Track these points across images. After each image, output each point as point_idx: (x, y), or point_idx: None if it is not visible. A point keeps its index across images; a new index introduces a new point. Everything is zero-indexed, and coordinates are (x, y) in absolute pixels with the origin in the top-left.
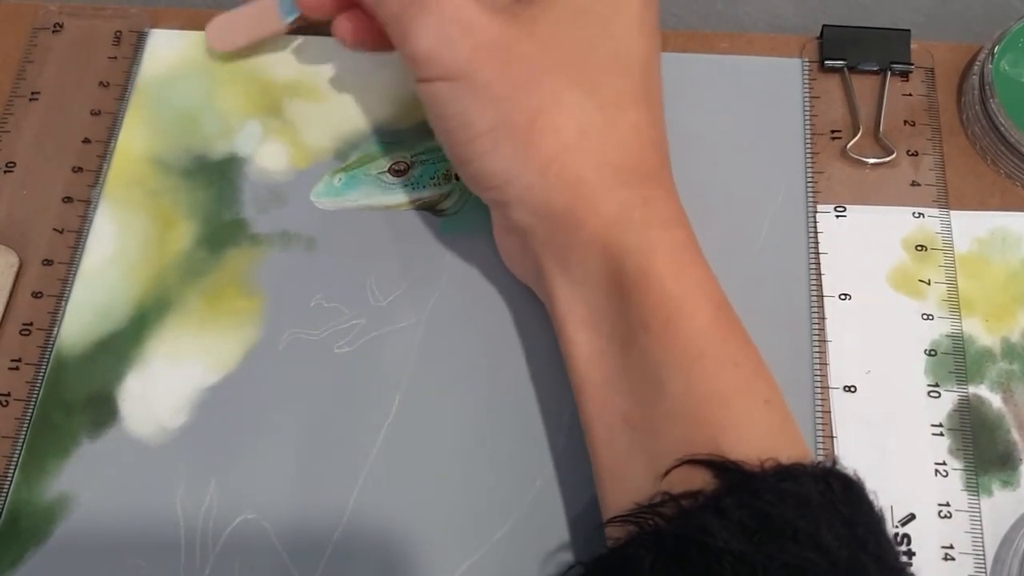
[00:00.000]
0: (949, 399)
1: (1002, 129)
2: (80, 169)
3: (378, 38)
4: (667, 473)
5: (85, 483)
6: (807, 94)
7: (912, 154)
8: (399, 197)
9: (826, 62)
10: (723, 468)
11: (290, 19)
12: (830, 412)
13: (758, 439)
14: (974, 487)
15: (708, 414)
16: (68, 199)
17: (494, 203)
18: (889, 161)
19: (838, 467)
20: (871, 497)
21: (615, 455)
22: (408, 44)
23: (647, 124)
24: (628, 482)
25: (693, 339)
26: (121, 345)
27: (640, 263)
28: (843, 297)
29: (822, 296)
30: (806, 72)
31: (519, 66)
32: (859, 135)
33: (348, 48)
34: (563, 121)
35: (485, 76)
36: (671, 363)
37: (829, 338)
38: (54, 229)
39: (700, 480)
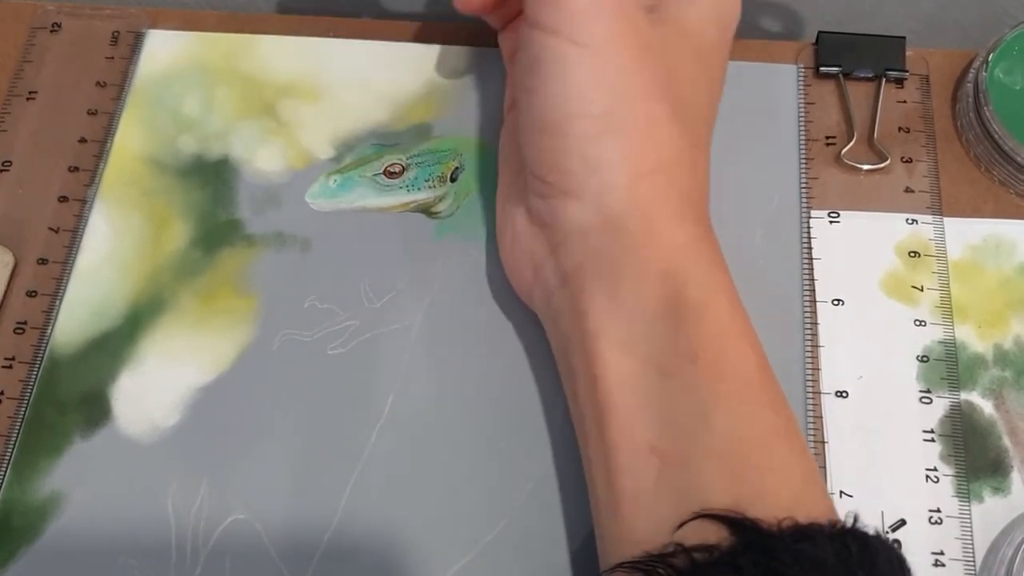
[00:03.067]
0: (941, 405)
1: (996, 137)
2: (76, 168)
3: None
4: (683, 525)
5: (77, 482)
6: (802, 100)
7: (906, 160)
8: (394, 199)
9: (821, 68)
10: (740, 524)
11: None
12: (822, 417)
13: (793, 487)
14: (965, 493)
15: (752, 456)
16: (64, 198)
17: (552, 190)
18: (883, 167)
19: (857, 526)
20: (892, 555)
21: (639, 485)
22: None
23: (707, 168)
24: (650, 514)
25: (743, 380)
26: (115, 344)
27: (702, 294)
28: (836, 302)
29: (815, 301)
30: (801, 78)
31: (651, 68)
32: (853, 141)
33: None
34: (670, 140)
35: (621, 60)
36: (718, 399)
37: (821, 343)
38: (49, 228)
39: (715, 534)
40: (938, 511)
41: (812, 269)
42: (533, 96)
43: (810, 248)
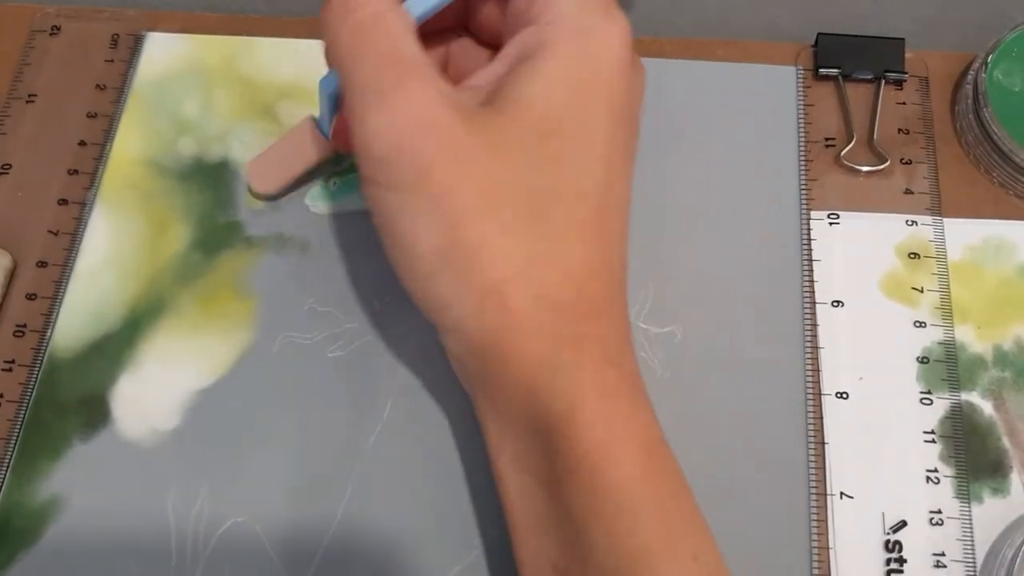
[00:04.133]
0: (941, 406)
1: (995, 138)
2: (75, 171)
3: None
4: None
5: (77, 485)
6: (801, 102)
7: (906, 162)
8: None
9: (820, 70)
10: None
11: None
12: (822, 419)
13: None
14: (965, 494)
15: (634, 573)
16: (63, 201)
17: (435, 326)
18: (883, 169)
19: None
20: None
21: None
22: (362, 139)
23: (597, 254)
24: None
25: (618, 489)
26: (114, 347)
27: (566, 407)
28: (836, 304)
29: (814, 303)
30: (800, 80)
31: (475, 183)
32: (853, 143)
33: None
34: (509, 249)
35: (438, 190)
36: (596, 514)
37: (821, 345)
38: (49, 231)
39: None
40: (939, 512)
41: (812, 271)
42: (384, 247)
43: (810, 250)
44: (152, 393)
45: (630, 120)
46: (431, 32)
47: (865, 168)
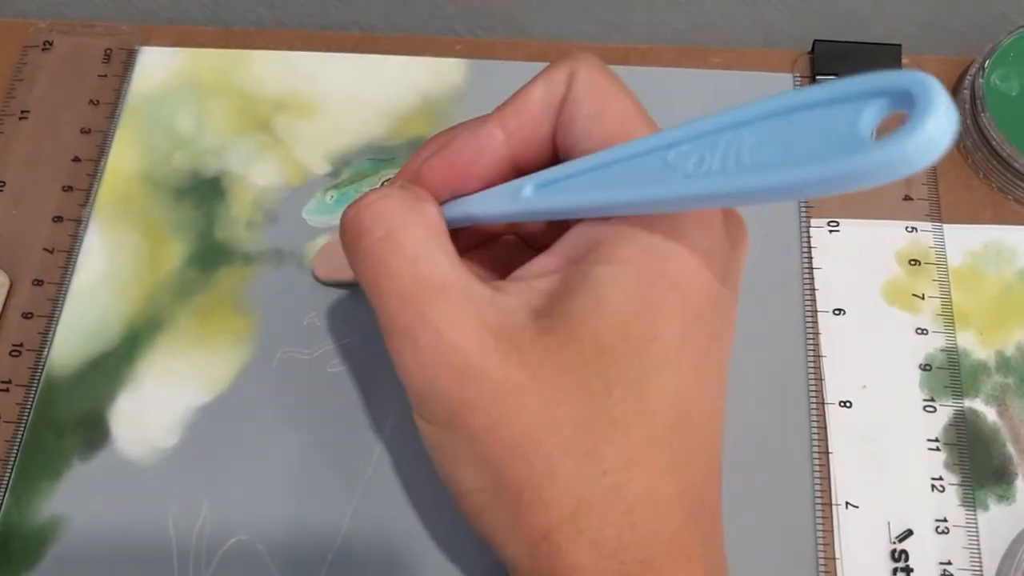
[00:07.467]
0: (944, 413)
1: (993, 143)
2: (70, 188)
3: None
4: None
5: (77, 504)
6: None
7: None
8: None
9: (818, 77)
10: None
11: None
12: (826, 427)
13: None
14: (971, 502)
15: None
16: (59, 219)
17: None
18: None
19: None
20: None
21: None
22: (399, 372)
23: (668, 479)
24: None
25: None
26: (112, 365)
27: None
28: (837, 312)
29: (816, 311)
30: (798, 87)
31: (513, 422)
32: None
33: None
34: (556, 494)
35: (476, 429)
36: None
37: (824, 353)
38: (44, 249)
39: None
40: (944, 520)
41: (812, 279)
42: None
43: (810, 258)
44: (151, 411)
45: (712, 315)
46: (479, 231)
47: None
